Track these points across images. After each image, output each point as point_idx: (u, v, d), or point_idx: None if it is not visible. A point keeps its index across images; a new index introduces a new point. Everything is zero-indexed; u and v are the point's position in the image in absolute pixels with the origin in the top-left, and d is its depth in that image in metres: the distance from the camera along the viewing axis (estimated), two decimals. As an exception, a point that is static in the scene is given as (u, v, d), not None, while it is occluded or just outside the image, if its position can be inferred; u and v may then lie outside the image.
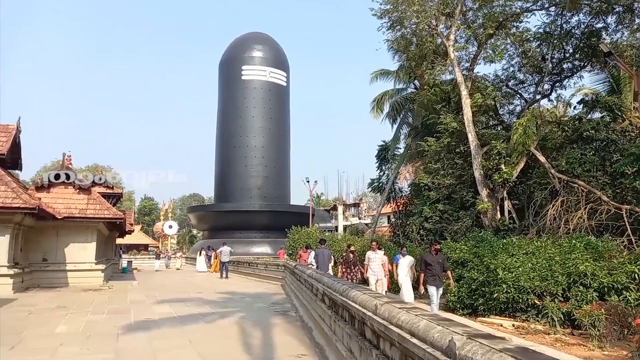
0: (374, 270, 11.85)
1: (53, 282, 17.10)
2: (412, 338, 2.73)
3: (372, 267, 11.89)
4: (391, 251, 16.10)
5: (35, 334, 8.12)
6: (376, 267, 11.86)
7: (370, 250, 12.41)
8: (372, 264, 11.92)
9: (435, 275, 9.62)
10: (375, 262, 11.90)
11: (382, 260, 12.02)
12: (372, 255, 12.07)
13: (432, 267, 9.63)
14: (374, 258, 11.98)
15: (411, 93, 24.49)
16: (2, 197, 14.32)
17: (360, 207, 58.79)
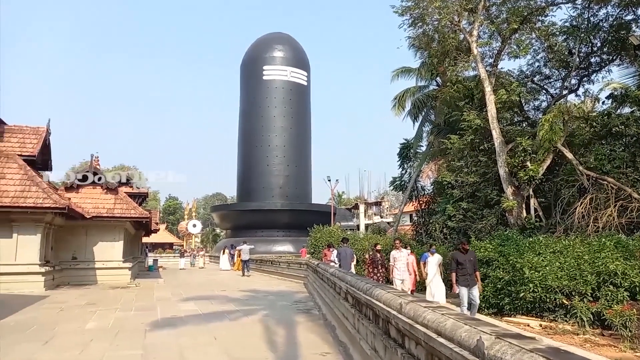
0: (400, 270, 11.57)
1: (82, 280, 17.60)
2: (438, 337, 2.72)
3: (398, 267, 11.60)
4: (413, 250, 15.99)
5: (66, 330, 8.37)
6: (401, 266, 11.57)
7: (394, 249, 12.11)
8: (397, 264, 11.62)
9: (466, 275, 9.30)
10: (401, 262, 11.60)
11: (408, 259, 11.71)
12: (397, 254, 11.78)
13: (463, 267, 9.31)
14: (399, 257, 11.69)
15: (433, 90, 24.21)
16: (33, 197, 14.79)
17: (382, 206, 58.47)
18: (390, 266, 11.88)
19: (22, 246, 14.87)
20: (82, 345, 7.05)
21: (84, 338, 7.64)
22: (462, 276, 9.31)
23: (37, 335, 7.84)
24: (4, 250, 14.72)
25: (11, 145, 17.22)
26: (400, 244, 12.19)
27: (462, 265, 9.31)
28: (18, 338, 7.64)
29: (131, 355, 6.51)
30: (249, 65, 49.08)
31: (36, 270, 14.88)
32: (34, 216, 14.97)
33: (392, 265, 11.74)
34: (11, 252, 14.78)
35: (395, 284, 11.54)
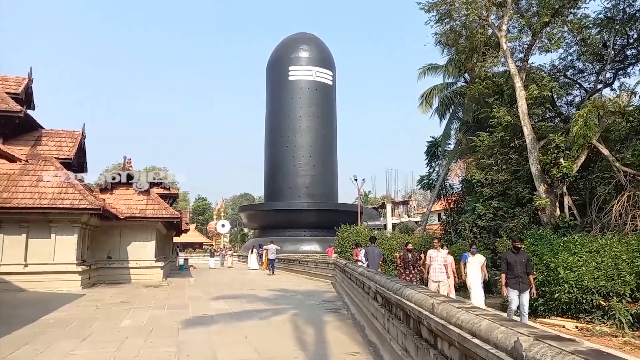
0: (436, 271, 10.90)
1: (117, 279, 18.13)
2: (473, 338, 2.68)
3: (434, 267, 10.93)
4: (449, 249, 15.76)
5: (103, 328, 8.64)
6: (437, 267, 10.89)
7: (432, 248, 11.39)
8: (434, 264, 10.94)
9: (517, 277, 8.54)
10: (437, 262, 10.91)
11: (445, 260, 10.98)
12: (434, 254, 11.05)
13: (513, 268, 8.57)
14: (435, 257, 10.98)
15: (461, 87, 23.83)
16: (70, 198, 15.33)
17: (409, 205, 57.90)
18: (426, 265, 11.26)
19: (60, 246, 15.44)
20: (119, 342, 7.26)
21: (119, 335, 7.87)
22: (513, 278, 8.57)
23: (75, 332, 8.13)
24: (43, 249, 15.32)
25: (49, 149, 17.91)
26: (439, 244, 11.46)
27: (511, 267, 8.59)
28: (58, 334, 7.94)
29: (165, 352, 6.67)
30: (275, 66, 49.46)
31: (73, 269, 15.42)
32: (71, 217, 15.51)
33: (427, 264, 11.13)
34: (50, 251, 15.36)
35: (429, 285, 10.92)
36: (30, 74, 19.12)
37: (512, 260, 8.62)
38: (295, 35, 51.14)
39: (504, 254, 9.04)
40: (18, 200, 14.92)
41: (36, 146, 17.89)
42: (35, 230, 15.34)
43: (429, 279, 10.98)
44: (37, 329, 8.38)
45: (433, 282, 10.84)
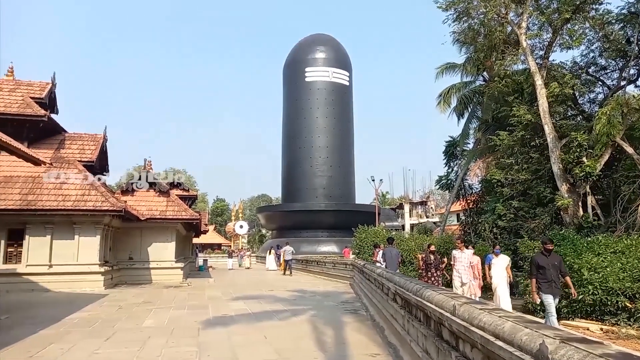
0: (459, 272, 10.50)
1: (138, 279, 18.43)
2: (496, 340, 2.65)
3: (458, 268, 10.55)
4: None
5: (126, 327, 8.79)
6: (462, 268, 10.50)
7: (456, 249, 11.00)
8: (457, 265, 10.56)
9: (550, 282, 8.05)
10: (462, 263, 10.53)
11: (471, 260, 10.58)
12: (459, 254, 10.65)
13: (545, 271, 8.10)
14: (460, 258, 10.59)
15: (480, 86, 23.54)
16: (93, 200, 15.65)
17: (428, 205, 57.42)
18: (450, 266, 10.93)
19: (83, 247, 15.78)
20: (141, 342, 7.38)
21: (142, 335, 8.00)
22: (546, 282, 8.09)
23: (99, 332, 8.29)
24: (67, 251, 15.67)
25: (72, 152, 18.32)
26: (463, 244, 11.05)
27: (543, 270, 8.10)
28: (82, 334, 8.11)
29: (186, 352, 6.75)
30: (292, 68, 49.65)
31: (96, 270, 15.73)
32: (94, 218, 15.84)
33: (452, 265, 10.79)
34: (73, 252, 15.71)
35: (454, 286, 10.52)
36: (53, 79, 19.60)
37: (544, 264, 8.14)
38: (311, 36, 51.25)
39: (535, 257, 8.55)
40: (43, 202, 15.31)
41: (60, 149, 18.32)
42: (60, 232, 15.71)
43: (453, 281, 10.62)
44: (62, 329, 8.58)
45: (457, 283, 10.50)
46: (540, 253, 8.49)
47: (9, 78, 19.25)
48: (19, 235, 15.53)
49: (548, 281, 8.07)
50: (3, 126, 14.35)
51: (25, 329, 8.46)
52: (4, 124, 15.76)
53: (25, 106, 17.40)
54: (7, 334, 8.00)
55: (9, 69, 19.55)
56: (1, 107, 17.18)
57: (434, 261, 11.17)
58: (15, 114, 17.01)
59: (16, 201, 15.12)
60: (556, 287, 8.09)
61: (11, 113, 16.98)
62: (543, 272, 8.11)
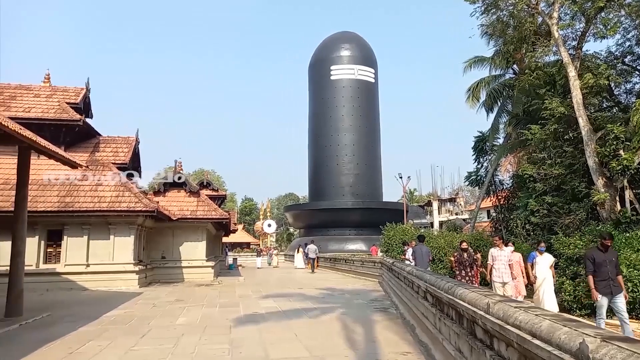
0: (499, 272, 9.95)
1: (171, 278, 18.87)
2: (533, 339, 2.59)
3: (497, 268, 10.00)
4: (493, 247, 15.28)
5: (160, 325, 9.02)
6: (501, 267, 9.95)
7: (493, 247, 10.45)
8: (496, 264, 10.02)
9: (607, 280, 7.42)
10: (501, 262, 9.99)
11: (510, 259, 10.09)
12: (497, 253, 10.11)
13: (602, 269, 7.43)
14: (498, 256, 10.05)
15: (510, 79, 23.02)
16: (127, 201, 16.11)
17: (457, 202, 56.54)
18: (488, 266, 10.36)
19: (119, 247, 16.26)
20: (175, 339, 7.56)
21: (176, 332, 8.20)
22: (602, 281, 7.45)
23: (135, 329, 8.54)
24: (103, 250, 16.19)
25: (106, 155, 18.90)
26: (501, 241, 10.44)
27: (600, 267, 7.45)
28: (119, 331, 8.37)
29: (219, 349, 6.87)
30: (317, 66, 49.72)
31: (131, 269, 16.19)
32: (128, 219, 16.30)
33: (489, 264, 10.22)
34: (109, 252, 16.22)
35: (494, 287, 9.94)
36: (87, 84, 20.25)
37: (601, 260, 7.47)
38: (336, 34, 51.17)
39: (590, 252, 7.91)
40: (80, 204, 15.85)
41: (95, 152, 18.93)
42: (96, 232, 16.24)
43: (492, 281, 10.12)
44: (100, 326, 8.88)
45: (497, 283, 9.99)
46: (596, 248, 7.86)
47: (46, 85, 20.00)
48: (58, 236, 16.13)
49: (604, 279, 7.49)
50: (41, 131, 14.93)
51: (65, 326, 8.80)
52: (42, 128, 16.39)
53: (62, 111, 18.05)
54: (48, 331, 8.34)
55: (46, 76, 20.31)
56: (39, 112, 17.88)
57: (467, 259, 10.65)
58: (52, 119, 17.68)
59: (54, 203, 15.71)
60: (614, 285, 7.49)
61: (49, 118, 17.66)
62: (599, 270, 7.51)
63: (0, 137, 9.77)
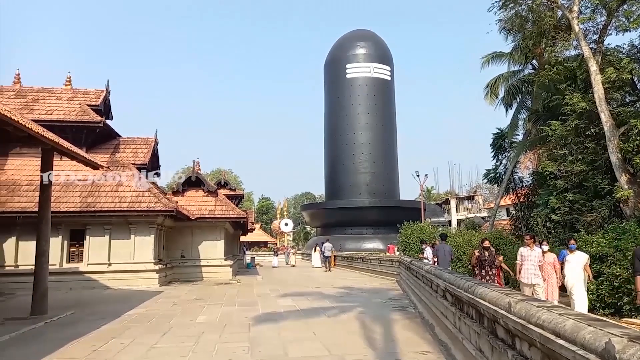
0: (529, 273, 9.34)
1: (190, 277, 19.10)
2: (557, 339, 2.56)
3: (527, 268, 9.38)
4: (513, 246, 15.08)
5: (181, 323, 9.15)
6: (531, 268, 9.33)
7: (523, 246, 9.79)
8: (526, 264, 9.41)
9: None
10: (530, 262, 9.35)
11: (541, 259, 9.46)
12: (526, 252, 9.46)
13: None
14: (528, 256, 9.41)
15: (529, 74, 22.62)
16: (147, 201, 16.36)
17: (475, 200, 55.89)
18: (517, 265, 9.71)
19: (139, 246, 16.53)
20: (196, 337, 7.66)
21: (196, 330, 8.31)
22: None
23: (156, 327, 8.68)
24: (124, 250, 16.48)
25: (126, 155, 19.23)
26: (531, 240, 9.68)
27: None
28: (141, 329, 8.52)
29: (239, 347, 6.94)
30: (332, 65, 49.68)
31: (151, 268, 16.45)
32: (148, 218, 16.56)
33: (518, 264, 9.60)
34: (130, 251, 16.50)
35: (522, 288, 9.36)
36: (107, 86, 20.63)
37: None
38: (351, 32, 51.05)
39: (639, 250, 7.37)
40: (101, 204, 16.16)
41: (115, 153, 19.27)
42: (117, 232, 16.53)
43: (521, 282, 9.53)
44: (122, 324, 9.05)
45: (526, 285, 9.38)
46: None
47: (67, 87, 20.43)
48: (81, 236, 16.47)
49: None
50: (63, 132, 15.24)
51: (89, 324, 8.99)
52: (64, 130, 16.73)
53: (83, 113, 18.42)
54: (72, 329, 8.54)
55: (67, 79, 20.74)
56: (61, 115, 18.28)
57: (488, 257, 10.05)
58: (74, 121, 18.06)
59: (77, 204, 16.04)
60: None
61: (70, 120, 18.04)
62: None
63: (25, 139, 10.05)
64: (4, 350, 6.99)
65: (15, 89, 19.93)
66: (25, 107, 18.47)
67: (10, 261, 15.74)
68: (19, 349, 7.03)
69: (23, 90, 19.98)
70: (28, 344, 7.44)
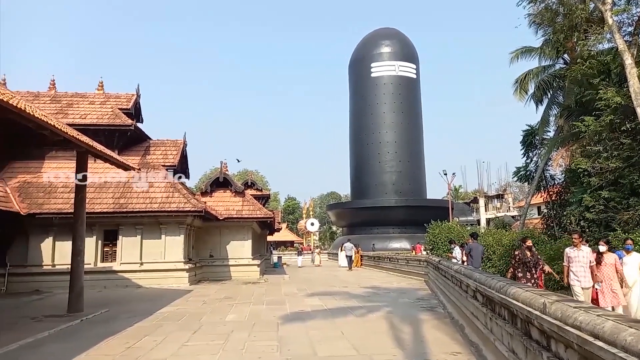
0: (578, 275, 8.58)
1: (219, 276, 19.39)
2: (595, 340, 2.48)
3: (575, 271, 8.64)
4: (545, 245, 14.70)
5: (211, 321, 9.31)
6: (580, 270, 8.57)
7: (570, 246, 8.97)
8: (574, 266, 8.68)
9: None
10: (579, 264, 8.61)
11: (591, 260, 8.65)
12: (573, 253, 8.68)
13: None
14: (575, 258, 8.65)
15: (560, 69, 22.00)
16: (176, 202, 16.70)
17: (505, 198, 54.71)
18: (564, 268, 8.97)
19: (170, 246, 16.89)
20: (226, 335, 7.78)
21: (225, 328, 8.43)
22: None
23: (187, 325, 8.85)
24: (155, 249, 16.86)
25: (156, 157, 19.68)
26: (580, 239, 8.91)
27: None
28: (172, 327, 8.70)
29: (268, 346, 7.01)
30: (357, 64, 49.55)
31: (181, 267, 16.78)
32: (177, 219, 16.90)
33: (565, 266, 8.89)
34: (161, 251, 16.87)
35: (574, 292, 8.58)
36: (137, 90, 21.15)
37: None
38: (376, 31, 50.78)
39: None
40: (133, 205, 16.59)
41: (145, 155, 19.74)
42: (148, 232, 16.93)
43: (572, 287, 8.77)
44: (155, 322, 9.26)
45: (576, 288, 8.66)
46: None
47: (100, 92, 21.05)
48: (114, 236, 16.95)
49: None
50: (97, 136, 15.73)
51: (122, 321, 9.24)
52: (97, 133, 17.26)
53: (115, 117, 18.95)
54: (107, 326, 8.80)
55: (100, 84, 21.37)
56: (94, 118, 18.86)
57: (531, 259, 9.13)
58: (106, 124, 18.60)
59: (110, 204, 16.52)
60: None
61: (103, 124, 18.60)
62: None
63: (60, 142, 10.40)
64: (44, 345, 7.27)
65: (51, 94, 20.67)
66: (60, 111, 19.14)
67: (47, 260, 16.33)
68: (58, 345, 7.29)
69: (58, 95, 20.70)
70: (66, 340, 7.70)
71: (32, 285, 15.67)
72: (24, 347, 7.15)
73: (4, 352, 6.75)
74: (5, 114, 7.56)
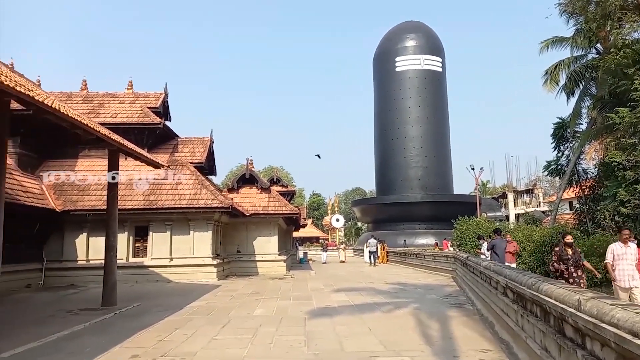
0: (624, 273, 8.02)
1: (246, 271, 19.67)
2: (634, 339, 2.41)
3: (622, 268, 8.06)
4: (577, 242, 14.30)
5: (239, 315, 9.45)
6: (627, 268, 8.01)
7: (617, 242, 8.34)
8: (620, 264, 8.09)
9: None
10: (626, 261, 8.04)
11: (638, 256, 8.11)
12: (620, 250, 8.09)
13: None
14: (622, 254, 8.07)
15: (593, 59, 21.25)
16: (204, 198, 16.99)
17: (535, 193, 53.39)
18: (608, 265, 8.30)
19: (198, 241, 17.21)
20: (254, 330, 7.89)
21: (253, 323, 8.54)
22: None
23: (216, 319, 9.01)
24: (184, 245, 17.21)
25: (184, 155, 20.05)
26: (629, 235, 8.27)
27: None
28: (202, 321, 8.88)
29: (295, 340, 7.07)
30: (381, 59, 49.11)
31: (209, 262, 17.08)
32: (205, 215, 17.20)
33: (609, 264, 8.22)
34: (189, 246, 17.21)
35: (616, 293, 8.09)
36: (165, 89, 21.57)
37: None
38: (400, 24, 50.18)
39: None
40: (162, 201, 16.97)
41: (174, 153, 20.14)
42: (177, 228, 17.29)
43: (616, 285, 8.19)
44: (185, 316, 9.47)
45: (621, 288, 8.10)
46: None
47: (129, 91, 21.57)
48: (144, 232, 17.38)
49: None
50: (127, 134, 16.12)
51: (154, 315, 9.49)
52: (127, 132, 17.69)
53: (144, 115, 19.39)
54: (139, 320, 9.05)
55: (129, 83, 21.89)
56: (124, 117, 19.35)
57: (572, 256, 8.58)
58: (136, 123, 19.06)
59: (140, 201, 16.93)
60: None
61: (133, 122, 19.06)
62: None
63: (93, 141, 10.73)
64: (80, 338, 7.54)
65: (83, 95, 21.30)
66: (92, 111, 19.70)
67: (82, 256, 16.88)
68: (94, 338, 7.54)
69: (89, 95, 21.32)
70: (101, 332, 7.96)
71: (68, 280, 16.24)
72: (62, 338, 7.43)
73: (44, 343, 7.03)
74: (41, 114, 7.84)
